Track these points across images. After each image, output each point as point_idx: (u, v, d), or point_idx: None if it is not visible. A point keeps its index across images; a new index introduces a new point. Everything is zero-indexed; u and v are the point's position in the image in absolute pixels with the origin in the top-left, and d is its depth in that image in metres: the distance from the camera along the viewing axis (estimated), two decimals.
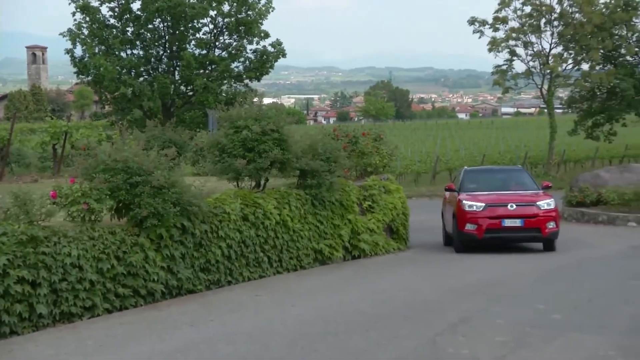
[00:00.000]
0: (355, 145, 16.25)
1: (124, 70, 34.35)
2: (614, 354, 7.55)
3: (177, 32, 35.37)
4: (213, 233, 11.18)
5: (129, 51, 35.55)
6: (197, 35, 36.17)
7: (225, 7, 35.42)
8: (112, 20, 35.31)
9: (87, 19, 34.44)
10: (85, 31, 34.47)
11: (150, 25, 35.16)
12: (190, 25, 35.43)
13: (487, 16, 40.57)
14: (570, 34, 38.23)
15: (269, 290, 11.33)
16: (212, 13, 35.45)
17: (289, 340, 8.20)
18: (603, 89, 39.72)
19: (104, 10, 34.95)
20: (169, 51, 35.99)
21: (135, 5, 34.98)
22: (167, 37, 35.68)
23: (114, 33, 34.81)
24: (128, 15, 35.10)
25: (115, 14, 35.12)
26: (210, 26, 36.20)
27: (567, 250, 15.52)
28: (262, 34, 35.52)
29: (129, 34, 35.25)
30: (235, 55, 35.92)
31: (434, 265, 14.35)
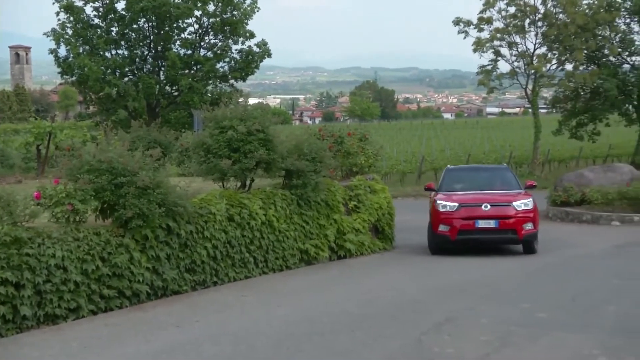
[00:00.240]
0: (340, 145, 16.28)
1: (109, 71, 34.12)
2: (598, 353, 7.61)
3: (162, 32, 35.24)
4: (198, 234, 11.15)
5: (113, 51, 35.35)
6: (182, 35, 36.08)
7: (211, 7, 35.35)
8: (97, 20, 35.10)
9: (71, 18, 34.25)
10: (70, 31, 34.28)
11: (135, 25, 34.98)
12: (175, 25, 35.30)
13: (472, 17, 40.51)
14: (554, 34, 38.42)
15: (254, 290, 11.32)
16: (197, 13, 35.39)
17: (274, 340, 8.21)
18: (587, 89, 39.93)
19: (88, 10, 34.85)
20: (153, 51, 35.83)
21: (120, 5, 34.89)
22: (152, 37, 35.53)
23: (99, 33, 34.61)
24: (112, 15, 34.91)
25: (100, 13, 34.93)
26: (196, 26, 36.14)
27: (552, 250, 15.58)
28: (248, 34, 35.49)
29: (113, 33, 35.06)
30: (221, 55, 35.81)
31: (419, 265, 14.36)
